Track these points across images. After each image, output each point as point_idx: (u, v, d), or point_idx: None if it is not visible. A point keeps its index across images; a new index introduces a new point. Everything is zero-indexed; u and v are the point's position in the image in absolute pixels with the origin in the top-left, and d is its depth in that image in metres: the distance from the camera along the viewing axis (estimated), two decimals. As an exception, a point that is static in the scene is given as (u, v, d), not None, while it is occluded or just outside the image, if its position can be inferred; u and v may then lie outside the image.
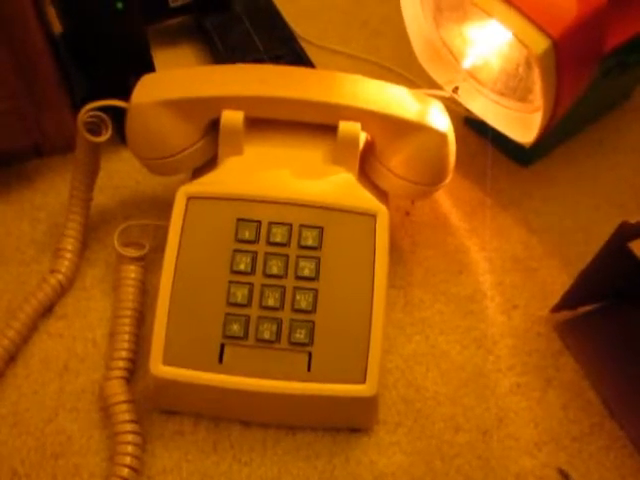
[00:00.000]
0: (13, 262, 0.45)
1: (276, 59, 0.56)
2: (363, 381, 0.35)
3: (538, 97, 0.41)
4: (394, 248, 0.45)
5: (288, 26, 0.59)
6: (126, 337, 0.40)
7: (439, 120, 0.40)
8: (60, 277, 0.43)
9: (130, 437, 0.36)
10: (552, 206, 0.50)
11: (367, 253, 0.37)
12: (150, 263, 0.44)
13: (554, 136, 0.46)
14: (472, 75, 0.47)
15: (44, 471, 0.37)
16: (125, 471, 0.35)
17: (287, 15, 0.60)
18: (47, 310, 0.43)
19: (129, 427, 0.37)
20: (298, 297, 0.36)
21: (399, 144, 0.39)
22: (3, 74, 0.44)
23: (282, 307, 0.36)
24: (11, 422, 0.38)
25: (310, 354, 0.36)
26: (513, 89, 0.44)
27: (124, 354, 0.39)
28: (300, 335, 0.36)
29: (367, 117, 0.39)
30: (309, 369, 0.35)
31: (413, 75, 0.55)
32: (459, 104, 0.48)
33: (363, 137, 0.40)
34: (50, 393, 0.40)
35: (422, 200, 0.49)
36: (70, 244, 0.44)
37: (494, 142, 0.51)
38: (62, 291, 0.43)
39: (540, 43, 0.36)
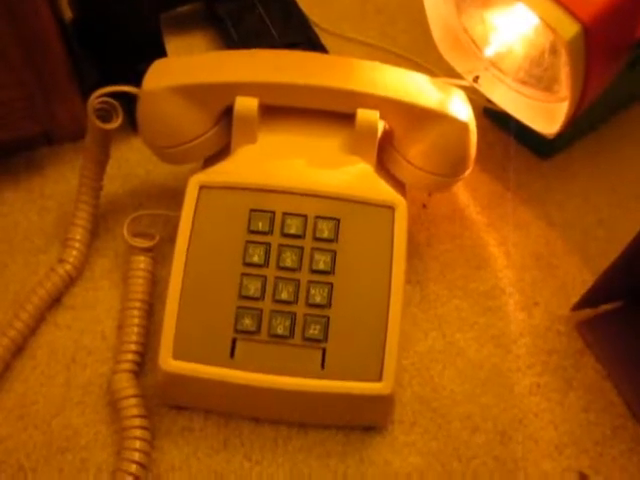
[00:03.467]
0: (21, 251, 0.44)
1: (290, 46, 0.54)
2: (379, 379, 0.34)
3: (564, 86, 0.39)
4: (410, 242, 0.44)
5: (302, 13, 0.58)
6: (135, 330, 0.39)
7: (460, 109, 0.39)
8: (68, 267, 0.42)
9: (138, 432, 0.35)
10: (573, 200, 0.49)
11: (384, 246, 0.36)
12: (160, 254, 0.43)
13: (576, 128, 0.45)
14: (494, 64, 0.45)
15: (50, 466, 0.36)
16: (133, 467, 0.35)
17: (301, 2, 0.59)
18: (55, 301, 0.42)
19: (137, 422, 0.36)
20: (313, 291, 0.35)
21: (419, 133, 0.38)
22: (12, 60, 0.43)
23: (296, 301, 0.35)
24: (17, 415, 0.37)
25: (324, 350, 0.34)
26: (537, 78, 0.42)
27: (133, 347, 0.38)
28: (314, 331, 0.34)
29: (386, 105, 0.37)
30: (323, 366, 0.34)
31: (430, 64, 0.54)
32: (478, 94, 0.46)
33: (381, 126, 0.39)
34: (57, 386, 0.39)
35: (440, 192, 0.48)
36: (79, 234, 0.43)
37: (515, 134, 0.49)
38: (70, 281, 0.42)
39: (569, 28, 0.34)
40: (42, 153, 0.49)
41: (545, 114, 0.43)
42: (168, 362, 0.34)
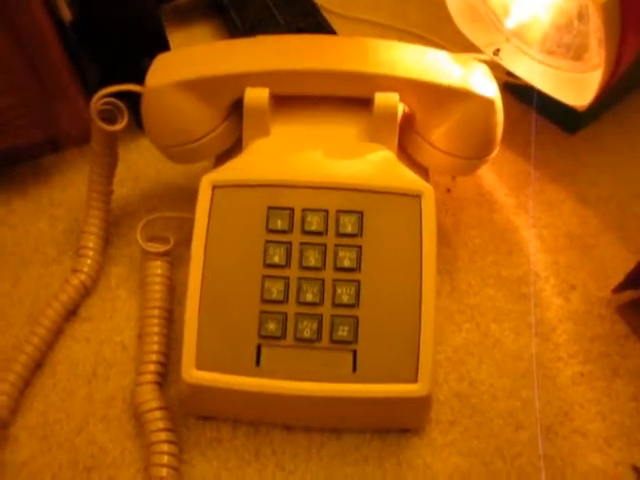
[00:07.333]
0: (33, 263, 0.43)
1: (298, 32, 0.53)
2: (415, 380, 0.32)
3: (595, 54, 0.36)
4: (436, 228, 0.42)
5: (308, -4, 0.56)
6: (155, 339, 0.38)
7: (485, 85, 0.36)
8: (83, 277, 0.40)
9: (165, 447, 0.34)
10: (606, 175, 0.46)
11: (413, 238, 0.33)
12: (177, 258, 0.42)
13: (605, 98, 0.42)
14: (517, 34, 0.43)
15: (77, 485, 0.35)
16: (162, 483, 0.33)
17: (306, -16, 0.56)
18: (71, 313, 0.40)
19: (164, 436, 0.34)
20: (339, 290, 0.33)
21: (442, 115, 0.36)
22: (10, 66, 0.42)
23: (322, 302, 0.33)
24: (40, 435, 0.36)
25: (355, 352, 0.32)
26: (567, 47, 0.40)
27: (154, 357, 0.37)
28: (343, 332, 0.32)
29: (406, 86, 0.35)
30: (354, 369, 0.32)
31: (445, 40, 0.51)
32: (498, 68, 0.43)
33: (400, 109, 0.37)
34: (79, 401, 0.37)
35: (465, 176, 0.45)
36: (92, 241, 0.42)
37: (538, 109, 0.47)
38: (86, 292, 0.41)
39: (603, -11, 0.32)
40: (48, 160, 0.48)
41: (575, 85, 0.40)
42: (191, 373, 0.33)
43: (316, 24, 0.53)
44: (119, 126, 0.39)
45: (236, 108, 0.37)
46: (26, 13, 0.41)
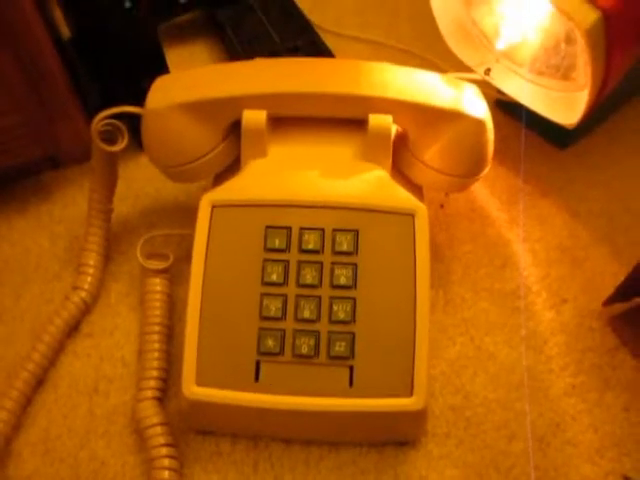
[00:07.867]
0: (35, 280, 0.44)
1: (294, 50, 0.54)
2: (410, 394, 0.33)
3: (582, 75, 0.37)
4: (430, 244, 0.43)
5: (303, 15, 0.57)
6: (156, 355, 0.38)
7: (475, 106, 0.37)
8: (83, 294, 0.41)
9: (166, 462, 0.34)
10: (597, 189, 0.47)
11: (407, 255, 0.34)
12: (176, 275, 0.42)
13: (594, 113, 0.43)
14: (507, 55, 0.44)
15: (79, 500, 0.35)
16: (163, 498, 0.34)
17: (301, 3, 0.57)
18: (72, 329, 0.41)
19: (165, 451, 0.35)
20: (335, 307, 0.34)
21: (434, 135, 0.37)
22: (10, 86, 0.42)
23: (319, 319, 0.34)
24: (42, 450, 0.37)
25: (351, 368, 0.33)
26: (555, 67, 0.41)
27: (155, 373, 0.38)
28: (340, 348, 0.33)
29: (399, 108, 0.36)
30: (351, 384, 0.33)
31: (439, 58, 0.52)
32: (490, 87, 0.45)
33: (394, 129, 0.38)
34: (81, 417, 0.38)
35: (458, 192, 0.46)
36: (92, 259, 0.42)
37: (529, 125, 0.48)
38: (87, 308, 0.42)
39: (588, 15, 0.33)
40: (49, 177, 0.49)
41: (564, 104, 0.41)
42: (191, 390, 0.33)
43: (311, 42, 0.54)
44: (119, 147, 0.40)
45: (234, 129, 0.38)
46: (25, 32, 0.41)
